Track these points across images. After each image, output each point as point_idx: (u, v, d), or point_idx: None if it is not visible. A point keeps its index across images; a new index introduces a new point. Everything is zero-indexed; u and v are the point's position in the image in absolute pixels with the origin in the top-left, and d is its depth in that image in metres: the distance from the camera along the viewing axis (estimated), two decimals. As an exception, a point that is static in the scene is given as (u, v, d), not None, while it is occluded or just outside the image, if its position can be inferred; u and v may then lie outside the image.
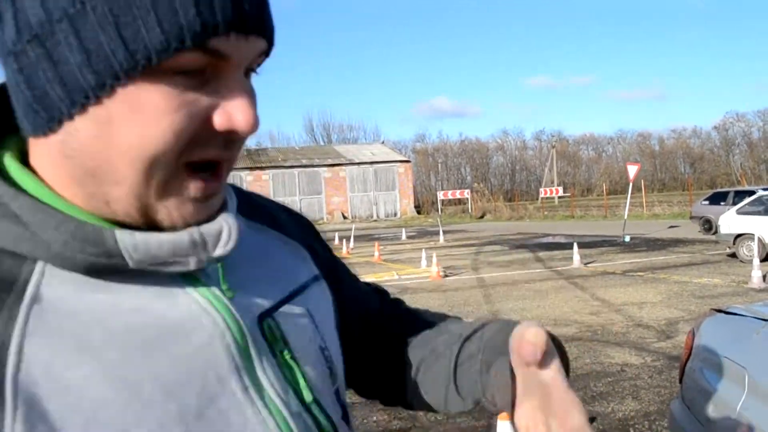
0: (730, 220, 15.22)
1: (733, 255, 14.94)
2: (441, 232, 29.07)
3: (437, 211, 57.65)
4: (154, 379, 0.56)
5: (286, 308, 0.70)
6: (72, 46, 0.51)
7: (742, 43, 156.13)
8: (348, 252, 23.01)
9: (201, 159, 0.57)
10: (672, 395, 5.52)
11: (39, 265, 0.56)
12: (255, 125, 0.57)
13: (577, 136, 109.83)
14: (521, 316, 9.59)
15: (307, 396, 0.67)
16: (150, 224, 0.59)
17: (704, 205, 22.80)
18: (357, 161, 60.71)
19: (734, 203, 19.71)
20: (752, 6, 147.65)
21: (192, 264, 0.60)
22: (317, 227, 0.95)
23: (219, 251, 0.62)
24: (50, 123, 0.54)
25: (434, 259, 14.92)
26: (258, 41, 0.57)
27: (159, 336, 0.58)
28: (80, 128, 0.54)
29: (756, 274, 11.13)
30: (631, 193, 24.63)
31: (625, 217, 24.34)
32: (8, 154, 0.60)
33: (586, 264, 15.28)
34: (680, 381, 3.46)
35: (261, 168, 56.56)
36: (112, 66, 0.51)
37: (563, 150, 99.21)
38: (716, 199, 22.54)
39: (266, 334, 0.66)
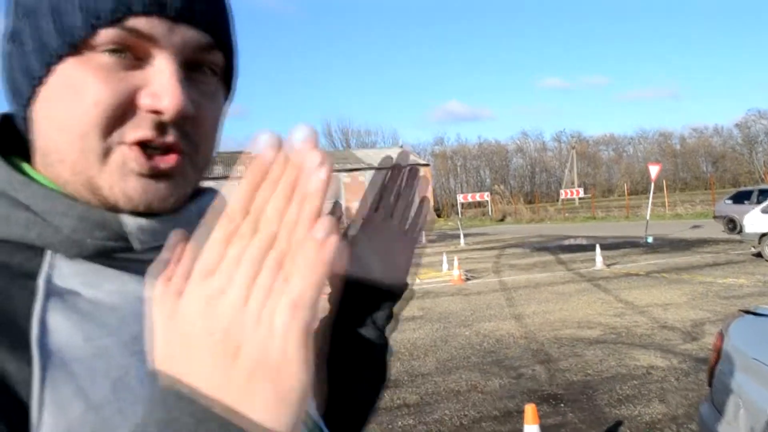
0: (755, 219, 15.04)
1: (759, 255, 14.76)
2: (461, 235, 29.00)
3: (457, 214, 57.52)
4: None
5: None
6: (30, 36, 0.59)
7: (762, 40, 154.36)
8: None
9: (135, 139, 0.59)
10: (700, 398, 5.45)
11: (48, 256, 0.59)
12: (179, 106, 0.58)
13: (596, 137, 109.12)
14: (544, 319, 9.55)
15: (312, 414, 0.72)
16: (108, 207, 0.61)
17: (728, 204, 22.56)
18: (376, 165, 60.73)
19: (758, 202, 19.50)
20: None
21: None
22: None
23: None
24: (20, 111, 0.62)
25: (455, 263, 14.90)
26: (190, 31, 0.60)
27: None
28: (35, 110, 0.60)
29: (782, 273, 10.99)
30: (653, 193, 24.43)
31: (648, 217, 24.12)
32: (19, 158, 0.64)
33: (608, 266, 15.16)
34: (709, 384, 3.43)
35: (280, 174, 56.66)
36: (48, 48, 0.58)
37: (583, 151, 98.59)
38: (740, 197, 22.31)
39: None
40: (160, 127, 0.59)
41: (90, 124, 0.57)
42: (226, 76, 0.68)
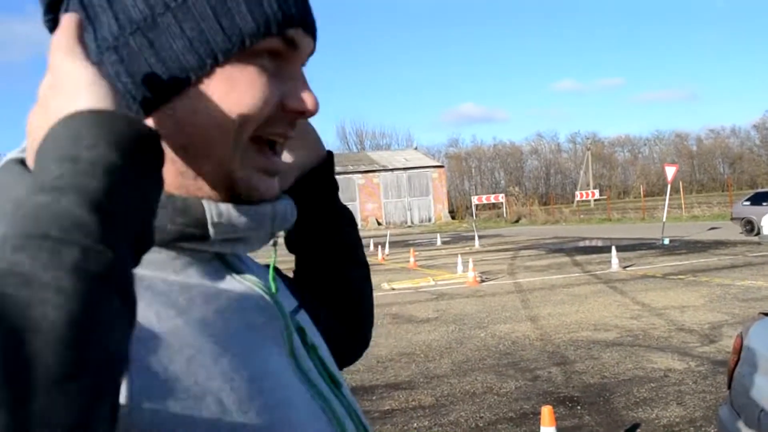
0: (773, 221, 14.90)
1: (777, 256, 14.64)
2: (476, 237, 28.95)
3: (472, 215, 57.45)
4: (231, 337, 0.62)
5: (301, 314, 0.79)
6: (175, 34, 0.60)
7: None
8: (383, 258, 23.04)
9: (274, 134, 0.67)
10: (718, 401, 5.41)
11: None
12: (317, 106, 0.68)
13: (612, 138, 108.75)
14: (560, 321, 9.50)
15: (338, 383, 0.76)
16: (227, 199, 0.65)
17: (745, 205, 22.37)
18: (390, 167, 60.83)
19: (777, 203, 19.35)
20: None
21: (256, 244, 0.69)
22: None
23: (284, 226, 0.71)
24: (148, 108, 0.62)
25: (470, 265, 14.86)
26: (311, 42, 0.68)
27: (230, 305, 0.65)
28: (178, 107, 0.62)
29: (802, 275, 10.88)
30: (670, 195, 24.28)
31: (664, 219, 23.98)
32: None
33: (624, 267, 15.07)
34: (729, 386, 3.40)
35: (295, 176, 56.83)
36: (213, 49, 0.60)
37: (598, 152, 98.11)
38: (758, 199, 22.10)
39: (297, 329, 0.74)
40: (291, 125, 0.68)
41: (252, 120, 0.63)
42: None
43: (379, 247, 25.74)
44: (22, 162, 0.63)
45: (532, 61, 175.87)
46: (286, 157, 0.91)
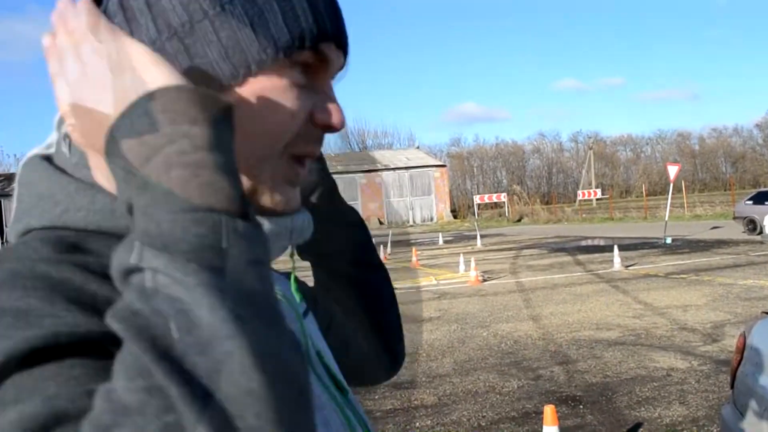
0: (776, 220, 14.88)
1: (780, 255, 14.62)
2: (478, 236, 28.95)
3: (474, 215, 57.43)
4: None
5: (308, 320, 0.79)
6: (211, 42, 0.60)
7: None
8: (385, 257, 23.03)
9: (303, 153, 0.66)
10: (720, 400, 5.40)
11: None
12: (344, 125, 0.67)
13: (614, 137, 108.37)
14: (562, 320, 9.50)
15: (345, 391, 0.76)
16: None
17: (748, 204, 22.34)
18: (392, 167, 60.81)
19: (779, 203, 19.32)
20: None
21: (274, 254, 0.68)
22: None
23: (302, 239, 0.71)
24: None
25: (472, 264, 14.86)
26: (342, 57, 0.68)
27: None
28: None
29: (804, 275, 10.86)
30: (672, 194, 24.25)
31: (666, 218, 23.96)
32: None
33: (627, 267, 15.06)
34: (732, 386, 3.39)
35: (297, 175, 56.89)
36: (247, 59, 0.60)
37: (600, 151, 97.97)
38: (760, 198, 22.07)
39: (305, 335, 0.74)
40: (320, 141, 0.68)
41: (281, 134, 0.62)
42: None
43: (381, 246, 25.73)
44: (47, 158, 0.64)
45: (533, 59, 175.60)
46: None
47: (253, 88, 0.61)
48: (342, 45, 0.67)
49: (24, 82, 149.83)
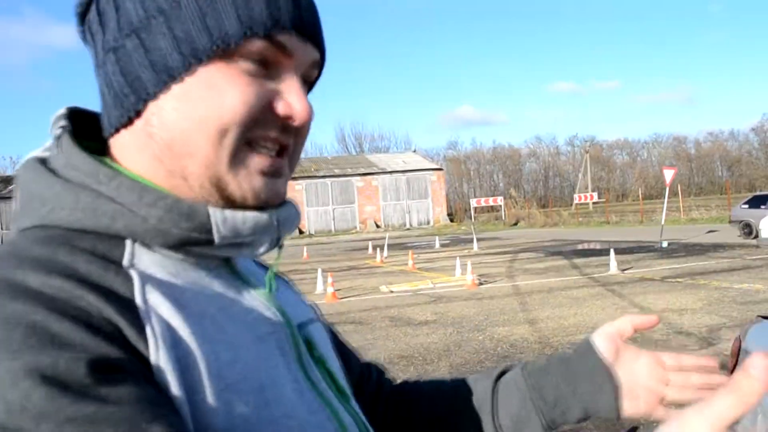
0: (772, 224, 14.91)
1: (775, 259, 14.64)
2: (475, 240, 28.94)
3: (470, 218, 57.43)
4: (240, 347, 0.62)
5: (312, 327, 0.78)
6: (164, 35, 0.62)
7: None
8: (382, 261, 23.03)
9: (263, 136, 0.65)
10: (716, 404, 5.40)
11: (128, 246, 0.62)
12: (309, 115, 0.67)
13: (610, 141, 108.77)
14: (558, 324, 9.50)
15: (346, 396, 0.76)
16: (224, 202, 0.66)
17: (744, 208, 22.38)
18: (389, 170, 60.81)
19: (775, 206, 19.35)
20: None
21: (262, 248, 0.69)
22: (350, 235, 1.04)
23: (289, 231, 0.71)
24: (137, 104, 0.64)
25: (469, 267, 14.84)
26: (312, 50, 0.68)
27: (238, 314, 0.65)
28: (163, 106, 0.63)
29: (800, 278, 10.87)
30: (668, 198, 24.28)
31: (662, 222, 23.97)
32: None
33: (623, 270, 15.07)
34: (727, 390, 3.39)
35: (294, 178, 55.95)
36: (196, 49, 0.61)
37: (597, 155, 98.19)
38: (756, 202, 22.12)
39: (306, 342, 0.74)
40: (285, 131, 0.67)
41: (233, 122, 0.62)
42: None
43: (378, 249, 25.73)
44: (42, 161, 0.66)
45: (529, 63, 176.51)
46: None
47: (202, 78, 0.62)
48: (308, 36, 0.66)
49: (20, 84, 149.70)
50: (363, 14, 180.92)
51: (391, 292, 14.43)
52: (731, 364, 3.37)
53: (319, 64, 0.71)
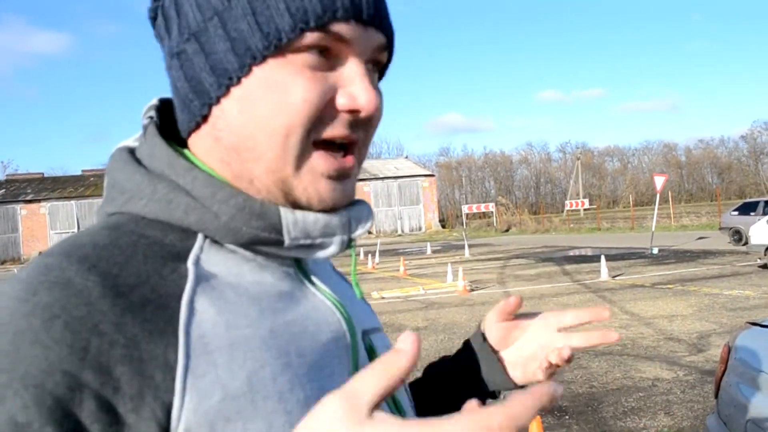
0: (761, 230, 14.99)
1: (765, 266, 14.70)
2: (466, 246, 28.96)
3: (462, 224, 57.46)
4: (295, 353, 0.60)
5: (376, 336, 0.77)
6: (220, 37, 0.61)
7: (764, 53, 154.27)
8: (374, 267, 23.01)
9: (330, 137, 0.63)
10: (706, 410, 5.42)
11: (199, 240, 0.62)
12: (375, 105, 0.63)
13: (601, 148, 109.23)
14: (549, 330, 9.49)
15: (401, 409, 0.73)
16: (291, 205, 0.65)
17: (734, 215, 22.50)
18: (381, 176, 60.81)
19: (764, 213, 19.47)
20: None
21: (334, 249, 0.67)
22: None
23: (359, 232, 0.69)
24: (202, 109, 0.63)
25: (460, 274, 14.85)
26: (376, 34, 0.64)
27: (299, 318, 0.64)
28: (225, 109, 0.62)
29: (789, 285, 10.91)
30: (659, 205, 24.37)
31: (653, 228, 24.05)
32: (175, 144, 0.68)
33: (614, 277, 15.10)
34: (716, 396, 3.40)
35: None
36: (250, 48, 0.60)
37: (588, 162, 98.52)
38: (746, 209, 22.23)
39: (368, 350, 0.72)
40: (352, 126, 0.64)
41: (297, 122, 0.60)
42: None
43: (370, 255, 25.71)
44: (131, 151, 0.67)
45: (517, 71, 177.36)
46: None
47: (260, 78, 0.61)
48: (368, 21, 0.63)
49: (3, 91, 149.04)
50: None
51: (383, 298, 14.41)
52: (720, 370, 3.38)
53: (387, 47, 0.68)
